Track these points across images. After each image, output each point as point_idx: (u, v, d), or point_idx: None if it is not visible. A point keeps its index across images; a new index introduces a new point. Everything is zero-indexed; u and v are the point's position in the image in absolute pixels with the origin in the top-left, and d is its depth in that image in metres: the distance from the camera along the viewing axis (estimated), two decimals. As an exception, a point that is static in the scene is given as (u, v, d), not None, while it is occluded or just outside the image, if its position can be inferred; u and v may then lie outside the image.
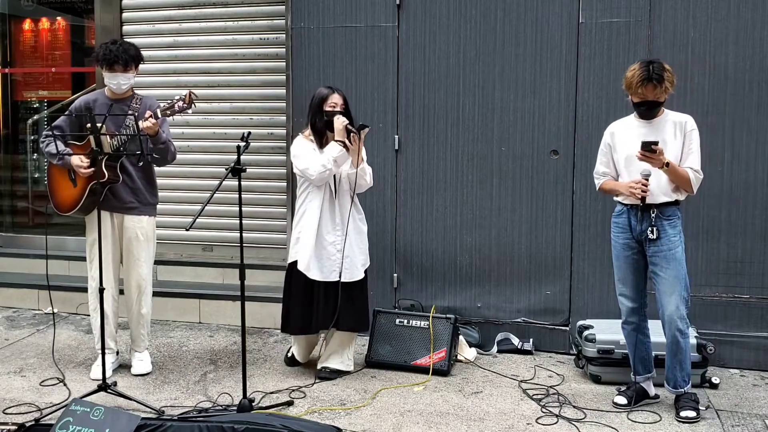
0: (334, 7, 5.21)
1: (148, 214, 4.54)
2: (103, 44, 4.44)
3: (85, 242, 4.56)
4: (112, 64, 4.32)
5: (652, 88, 3.80)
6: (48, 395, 4.22)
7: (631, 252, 4.00)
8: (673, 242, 3.89)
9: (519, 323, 5.09)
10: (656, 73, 3.78)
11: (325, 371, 4.51)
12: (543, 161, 4.97)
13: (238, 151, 3.87)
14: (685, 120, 3.92)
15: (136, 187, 4.46)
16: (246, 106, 5.87)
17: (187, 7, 5.92)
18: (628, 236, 3.99)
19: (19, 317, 5.77)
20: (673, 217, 3.91)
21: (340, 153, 4.28)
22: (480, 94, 5.03)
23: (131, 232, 4.48)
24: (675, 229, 3.90)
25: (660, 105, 3.87)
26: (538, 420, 3.93)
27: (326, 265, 4.38)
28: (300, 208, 4.46)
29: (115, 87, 4.38)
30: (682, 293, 3.89)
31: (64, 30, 6.75)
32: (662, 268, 3.90)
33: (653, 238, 3.89)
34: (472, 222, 5.11)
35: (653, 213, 3.90)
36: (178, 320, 5.70)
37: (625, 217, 4.00)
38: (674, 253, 3.89)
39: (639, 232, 3.94)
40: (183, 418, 3.72)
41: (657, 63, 3.84)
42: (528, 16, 4.92)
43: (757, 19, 4.60)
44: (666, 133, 3.90)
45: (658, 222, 3.90)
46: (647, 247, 3.94)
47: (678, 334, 3.89)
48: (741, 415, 4.04)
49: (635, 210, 3.95)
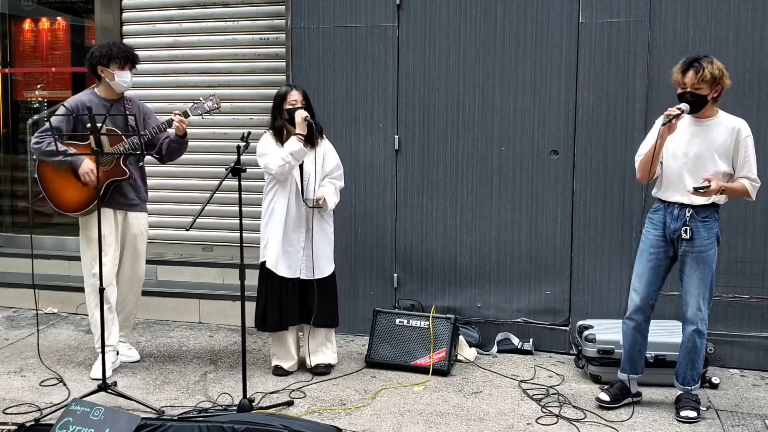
0: (334, 7, 5.20)
1: (146, 211, 4.72)
2: (107, 44, 4.48)
3: (82, 242, 4.55)
4: (126, 61, 4.41)
5: (691, 76, 3.76)
6: (48, 395, 4.22)
7: (658, 249, 3.97)
8: (706, 245, 3.87)
9: (519, 323, 5.09)
10: (698, 63, 3.76)
11: (320, 367, 4.57)
12: (543, 161, 4.97)
13: (238, 151, 3.87)
14: (739, 126, 3.84)
15: (137, 185, 4.58)
16: (246, 106, 5.87)
17: (187, 7, 5.92)
18: (660, 233, 3.96)
19: (19, 317, 5.77)
20: (708, 220, 3.88)
21: (298, 148, 4.35)
22: (480, 94, 5.03)
23: (136, 228, 4.61)
24: (710, 231, 3.88)
25: (703, 99, 3.79)
26: (538, 420, 3.93)
27: (294, 261, 4.47)
28: (268, 208, 4.52)
29: (125, 85, 4.46)
30: (706, 295, 3.90)
31: (64, 30, 6.75)
32: (691, 268, 3.90)
33: (686, 237, 3.87)
34: (472, 222, 5.11)
35: (688, 213, 3.88)
36: (178, 320, 5.70)
37: (661, 213, 3.97)
38: (705, 256, 3.87)
39: (673, 230, 3.92)
40: (183, 418, 3.72)
41: (708, 57, 3.82)
42: (528, 16, 4.92)
43: (757, 19, 4.60)
44: (715, 137, 3.84)
45: (693, 222, 3.87)
46: (679, 246, 3.92)
47: (696, 334, 3.91)
48: (741, 415, 4.04)
49: (671, 208, 3.92)
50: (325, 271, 4.56)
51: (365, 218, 5.22)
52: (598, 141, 4.86)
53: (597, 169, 4.87)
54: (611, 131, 4.81)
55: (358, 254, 5.25)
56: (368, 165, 5.16)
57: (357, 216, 5.21)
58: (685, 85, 3.80)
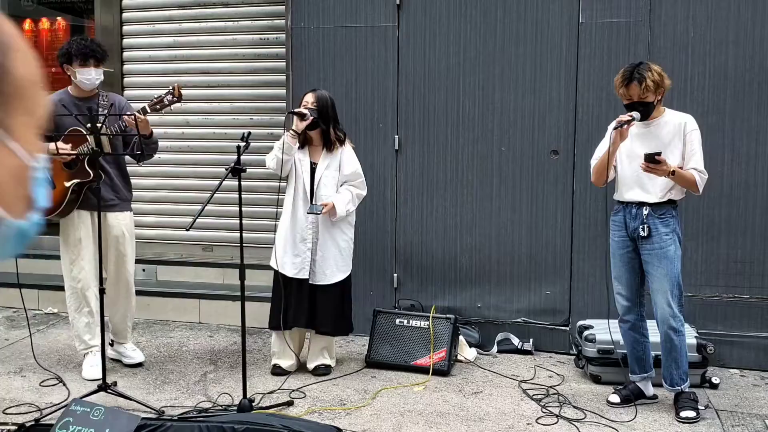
0: (334, 7, 5.20)
1: (129, 210, 4.56)
2: (72, 40, 4.38)
3: (60, 243, 4.50)
4: (87, 58, 4.27)
5: (635, 88, 3.80)
6: (48, 395, 4.22)
7: (626, 250, 4.02)
8: (665, 241, 3.89)
9: (519, 323, 5.08)
10: (638, 73, 3.79)
11: (320, 368, 4.59)
12: (543, 161, 4.97)
13: (238, 151, 3.87)
14: (685, 121, 3.90)
15: (115, 184, 4.45)
16: (246, 106, 5.87)
17: (187, 7, 5.92)
18: (623, 234, 4.00)
19: (19, 317, 5.76)
20: (666, 216, 3.91)
21: (282, 140, 4.39)
22: (480, 94, 5.03)
23: (117, 229, 4.46)
24: (668, 227, 3.90)
25: (649, 105, 3.85)
26: (538, 420, 3.93)
27: (296, 262, 4.49)
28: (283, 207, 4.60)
29: (88, 83, 4.32)
30: (674, 291, 3.90)
31: (64, 30, 6.74)
32: (654, 266, 3.92)
33: (644, 235, 3.90)
34: (472, 222, 5.11)
35: (645, 211, 3.91)
36: (178, 320, 5.70)
37: (621, 215, 4.02)
38: (665, 252, 3.89)
39: (632, 229, 3.96)
40: (183, 418, 3.72)
41: (644, 64, 3.86)
42: (528, 16, 4.92)
43: (757, 19, 4.59)
44: (664, 136, 3.89)
45: (650, 220, 3.90)
46: (640, 245, 3.96)
47: (671, 332, 3.90)
48: (741, 415, 4.03)
49: (629, 208, 3.96)
50: (332, 278, 4.52)
51: (365, 218, 5.21)
52: (598, 141, 4.82)
53: (597, 169, 4.86)
54: (611, 131, 4.80)
55: (358, 254, 5.23)
56: (368, 165, 5.15)
57: (357, 216, 5.19)
58: (632, 97, 3.84)
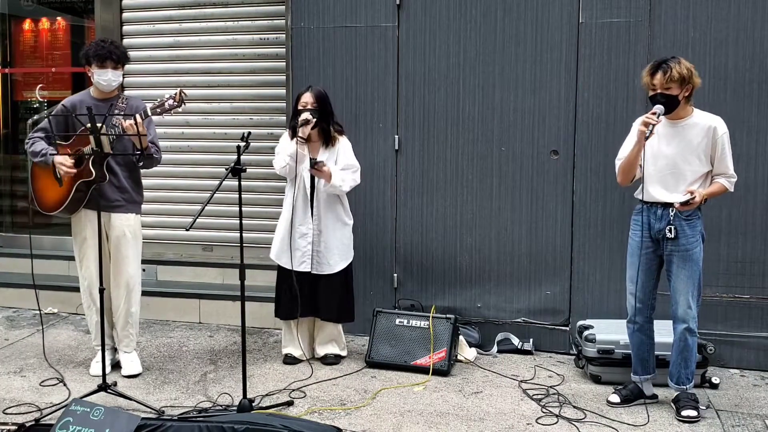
0: (334, 7, 5.20)
1: (135, 212, 4.54)
2: (92, 42, 4.44)
3: (72, 242, 4.57)
4: (104, 59, 4.30)
5: (660, 77, 3.79)
6: (48, 395, 4.22)
7: (646, 251, 3.98)
8: (691, 243, 3.88)
9: (519, 323, 5.08)
10: (665, 64, 3.79)
11: (329, 357, 4.74)
12: (543, 161, 4.97)
13: (238, 151, 3.87)
14: (715, 125, 3.86)
15: (122, 185, 4.44)
16: (246, 106, 5.87)
17: (187, 7, 5.92)
18: (646, 235, 3.97)
19: (19, 317, 5.77)
20: (692, 218, 3.90)
21: (293, 150, 4.49)
22: (480, 94, 5.03)
23: (119, 230, 4.45)
24: (694, 229, 3.89)
25: (675, 99, 3.81)
26: (538, 420, 3.93)
27: (296, 255, 4.61)
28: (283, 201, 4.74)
29: (105, 84, 4.35)
30: (695, 292, 3.91)
31: (64, 30, 6.75)
32: (678, 267, 3.91)
33: (671, 237, 3.88)
34: (472, 222, 5.11)
35: (672, 212, 3.89)
36: (178, 320, 5.70)
37: (644, 215, 3.98)
38: (691, 254, 3.88)
39: (657, 230, 3.93)
40: (183, 418, 3.72)
41: (675, 57, 3.85)
42: (528, 16, 4.92)
43: (757, 19, 4.59)
44: (692, 137, 3.86)
45: (677, 221, 3.88)
46: (664, 245, 3.93)
47: (687, 333, 3.91)
48: (741, 415, 4.04)
49: (654, 208, 3.94)
50: (336, 266, 4.67)
51: (365, 218, 5.22)
52: (598, 141, 4.86)
53: (597, 169, 4.86)
54: (611, 131, 4.80)
55: (358, 254, 5.23)
56: (368, 165, 5.15)
57: (357, 216, 5.19)
58: (655, 87, 3.84)
